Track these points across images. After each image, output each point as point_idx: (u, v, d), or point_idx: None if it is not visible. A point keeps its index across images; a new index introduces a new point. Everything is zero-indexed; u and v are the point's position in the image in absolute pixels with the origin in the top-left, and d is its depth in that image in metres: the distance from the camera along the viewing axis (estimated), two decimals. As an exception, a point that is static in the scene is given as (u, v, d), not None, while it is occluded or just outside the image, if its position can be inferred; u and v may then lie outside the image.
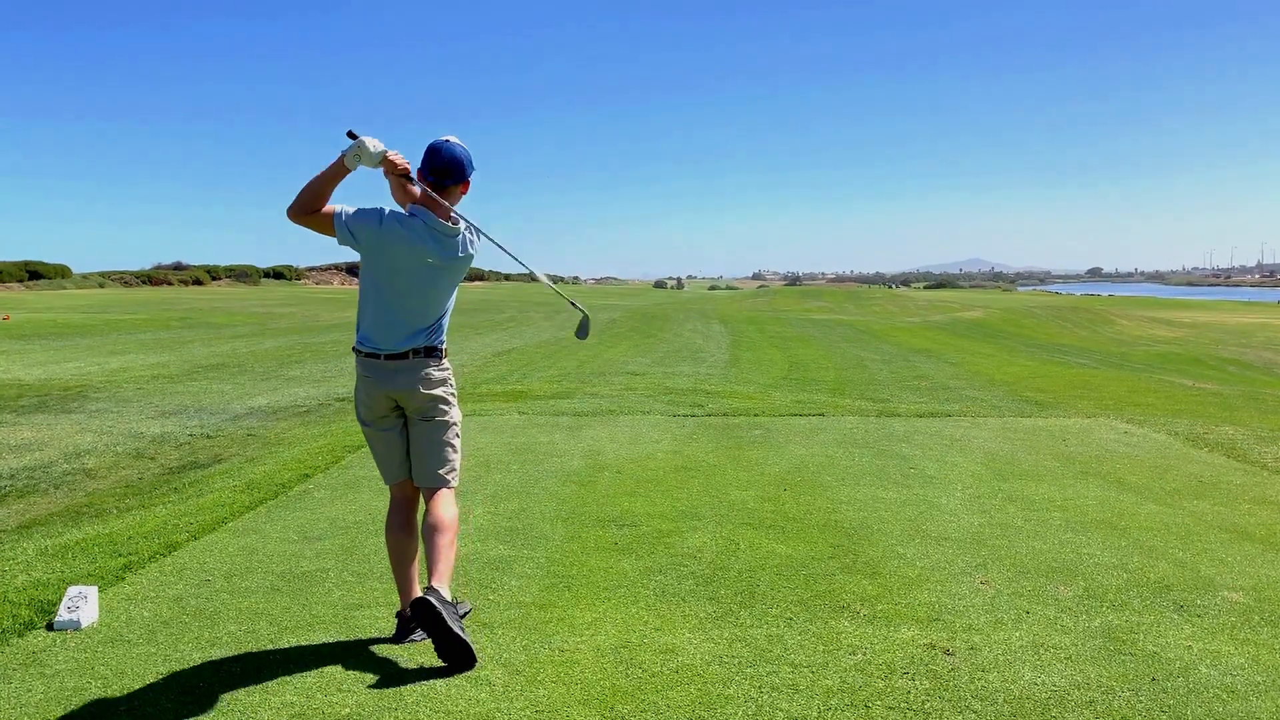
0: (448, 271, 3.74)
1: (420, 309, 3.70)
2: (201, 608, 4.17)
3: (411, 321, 3.69)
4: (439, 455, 3.81)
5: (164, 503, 6.73)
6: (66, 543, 5.45)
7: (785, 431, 8.73)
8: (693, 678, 3.45)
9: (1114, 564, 4.80)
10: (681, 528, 5.41)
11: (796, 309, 49.87)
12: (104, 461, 8.99)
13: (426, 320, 3.72)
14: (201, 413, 11.95)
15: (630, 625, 3.95)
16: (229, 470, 7.92)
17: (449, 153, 3.68)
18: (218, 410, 12.17)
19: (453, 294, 3.86)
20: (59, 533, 6.05)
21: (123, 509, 6.86)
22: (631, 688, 3.37)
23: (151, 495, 7.31)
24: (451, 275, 3.77)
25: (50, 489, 7.94)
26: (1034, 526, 5.49)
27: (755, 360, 19.39)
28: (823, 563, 4.78)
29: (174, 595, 4.33)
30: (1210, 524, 5.60)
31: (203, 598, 4.29)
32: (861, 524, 5.51)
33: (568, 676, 3.46)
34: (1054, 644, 3.77)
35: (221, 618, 4.05)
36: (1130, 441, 8.40)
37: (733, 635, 3.85)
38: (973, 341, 30.04)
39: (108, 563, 4.83)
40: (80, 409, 12.19)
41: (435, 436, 3.80)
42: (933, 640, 3.80)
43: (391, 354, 3.67)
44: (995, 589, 4.41)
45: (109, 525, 6.02)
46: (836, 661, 3.59)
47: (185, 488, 7.34)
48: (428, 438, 3.80)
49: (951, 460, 7.42)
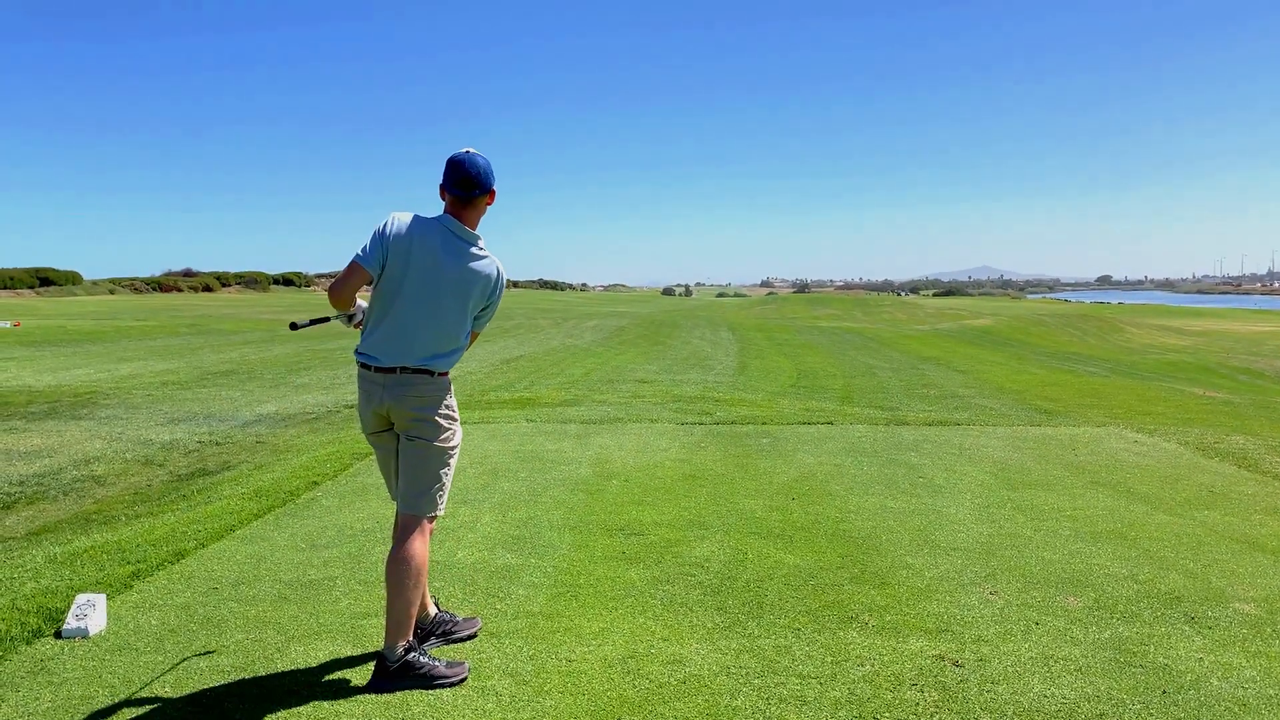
0: (457, 285, 3.57)
1: (422, 324, 3.55)
2: (209, 615, 4.17)
3: (409, 337, 3.55)
4: (413, 478, 3.62)
5: (173, 510, 6.74)
6: (75, 550, 5.46)
7: (793, 440, 8.70)
8: (700, 689, 3.44)
9: (1124, 575, 4.77)
10: (689, 537, 5.39)
11: (805, 316, 49.78)
12: (113, 468, 9.01)
13: (427, 339, 3.56)
14: (210, 419, 11.98)
15: (637, 635, 3.94)
16: (237, 477, 7.93)
17: (472, 165, 3.58)
18: (227, 417, 12.21)
19: (463, 320, 3.65)
20: (68, 540, 6.06)
21: (131, 516, 6.87)
22: (639, 698, 3.36)
23: (160, 502, 7.32)
24: (460, 291, 3.58)
25: (59, 496, 7.96)
26: (1043, 537, 5.46)
27: (763, 368, 19.38)
28: (831, 573, 4.76)
29: (182, 603, 4.33)
30: (1221, 535, 5.56)
31: (210, 605, 4.29)
32: (870, 533, 5.49)
33: (574, 687, 3.45)
34: (1064, 656, 3.75)
35: (229, 626, 4.05)
36: (1140, 451, 8.36)
37: (740, 646, 3.83)
38: (982, 349, 29.97)
39: (116, 570, 4.83)
40: (90, 416, 12.24)
41: (414, 458, 3.61)
42: (941, 651, 3.78)
43: (380, 367, 3.56)
44: (1004, 600, 4.39)
45: (118, 533, 6.03)
46: (845, 673, 3.58)
47: (193, 495, 7.36)
48: (407, 458, 3.63)
49: (961, 469, 7.39)
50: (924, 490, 6.64)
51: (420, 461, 3.61)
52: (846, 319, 47.15)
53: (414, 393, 3.57)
